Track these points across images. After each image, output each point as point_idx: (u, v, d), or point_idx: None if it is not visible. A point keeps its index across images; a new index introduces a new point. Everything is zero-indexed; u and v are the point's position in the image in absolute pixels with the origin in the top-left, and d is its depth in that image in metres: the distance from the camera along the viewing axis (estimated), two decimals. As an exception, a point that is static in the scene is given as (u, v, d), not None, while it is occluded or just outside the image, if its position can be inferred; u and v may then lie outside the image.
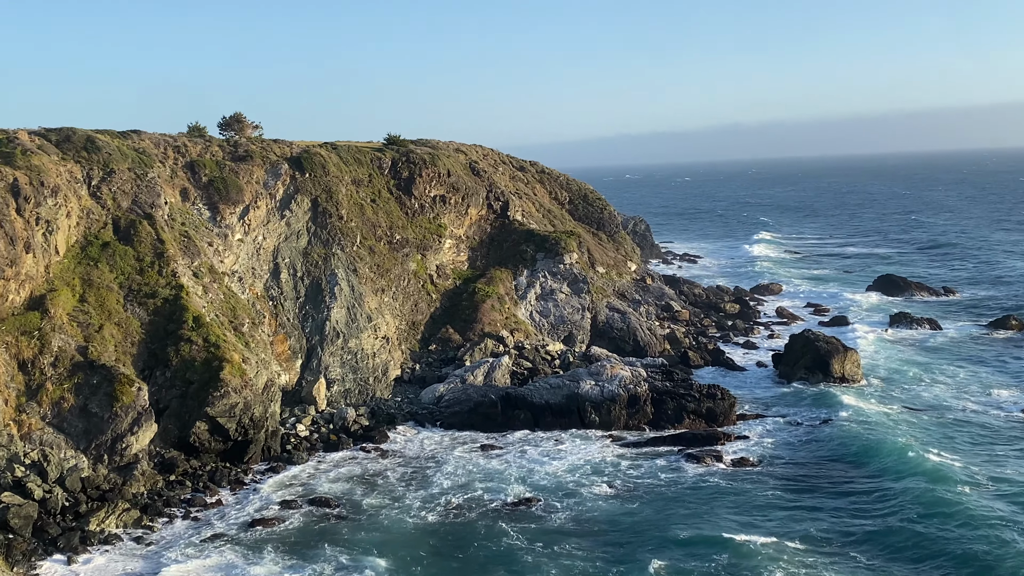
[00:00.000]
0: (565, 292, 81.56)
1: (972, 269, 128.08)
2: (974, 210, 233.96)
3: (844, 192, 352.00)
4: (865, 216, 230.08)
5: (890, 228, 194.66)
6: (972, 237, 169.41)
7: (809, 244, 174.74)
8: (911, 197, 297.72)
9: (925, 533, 42.25)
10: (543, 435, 59.58)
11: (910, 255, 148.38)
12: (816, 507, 46.51)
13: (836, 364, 69.24)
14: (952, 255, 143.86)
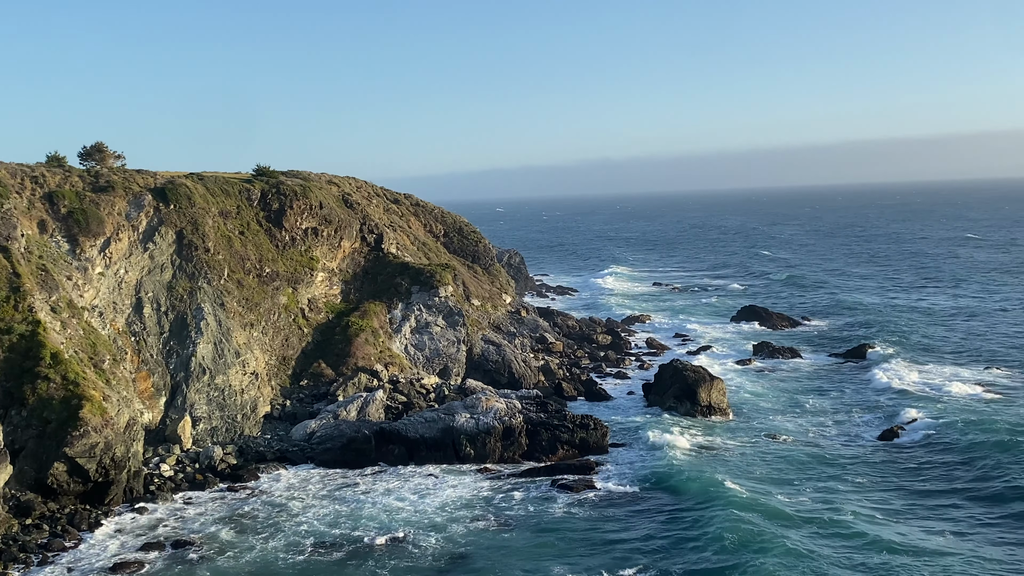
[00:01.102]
0: (440, 325, 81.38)
1: (827, 300, 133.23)
2: (826, 243, 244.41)
3: (702, 226, 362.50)
4: (721, 250, 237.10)
5: (744, 261, 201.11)
6: (825, 269, 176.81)
7: (671, 276, 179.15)
8: (762, 232, 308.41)
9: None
10: (417, 470, 59.05)
11: (768, 287, 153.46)
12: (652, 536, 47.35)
13: (703, 393, 70.85)
14: (806, 286, 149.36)
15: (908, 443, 61.64)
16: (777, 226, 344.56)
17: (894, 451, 60.15)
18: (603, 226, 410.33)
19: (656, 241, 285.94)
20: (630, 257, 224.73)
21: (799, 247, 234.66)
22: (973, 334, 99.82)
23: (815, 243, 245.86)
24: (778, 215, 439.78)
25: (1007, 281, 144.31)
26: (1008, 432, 60.19)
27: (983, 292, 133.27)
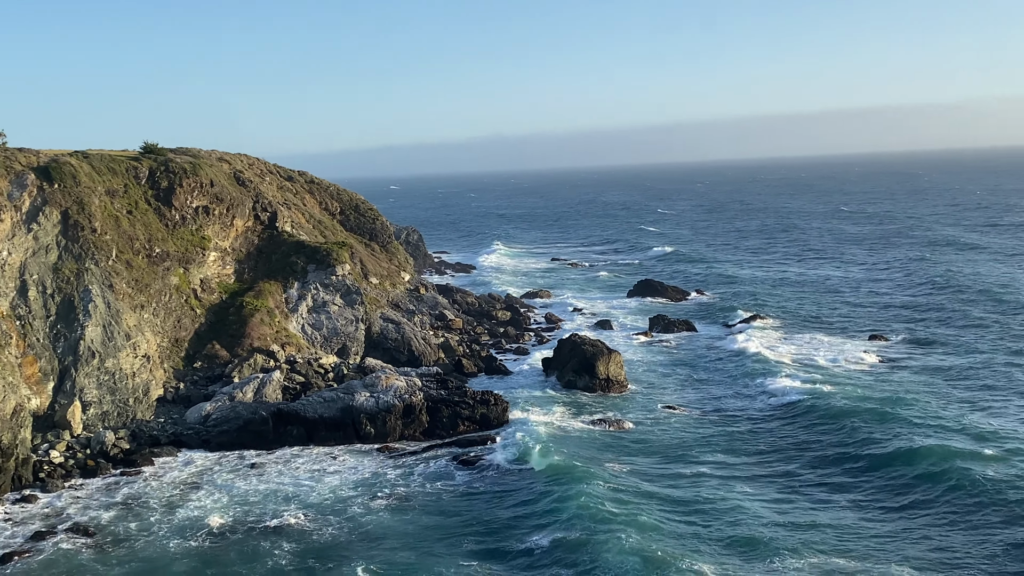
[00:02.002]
0: (338, 304, 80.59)
1: (715, 273, 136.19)
2: (712, 218, 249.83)
3: (592, 202, 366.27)
4: (612, 225, 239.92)
5: (635, 237, 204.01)
6: (712, 244, 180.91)
7: (566, 252, 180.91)
8: (650, 207, 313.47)
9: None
10: (317, 450, 58.58)
11: (659, 261, 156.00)
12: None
13: (601, 366, 71.85)
14: (695, 260, 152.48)
15: (788, 414, 62.82)
16: (666, 201, 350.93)
17: (776, 422, 61.49)
18: (496, 202, 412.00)
19: (548, 217, 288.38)
20: (524, 234, 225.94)
21: (687, 222, 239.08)
22: (853, 304, 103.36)
23: (702, 219, 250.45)
24: (666, 191, 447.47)
25: (880, 252, 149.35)
26: (881, 402, 62.09)
27: (860, 263, 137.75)
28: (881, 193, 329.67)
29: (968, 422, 57.08)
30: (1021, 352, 75.74)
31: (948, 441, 53.04)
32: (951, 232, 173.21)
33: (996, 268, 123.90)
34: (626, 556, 39.61)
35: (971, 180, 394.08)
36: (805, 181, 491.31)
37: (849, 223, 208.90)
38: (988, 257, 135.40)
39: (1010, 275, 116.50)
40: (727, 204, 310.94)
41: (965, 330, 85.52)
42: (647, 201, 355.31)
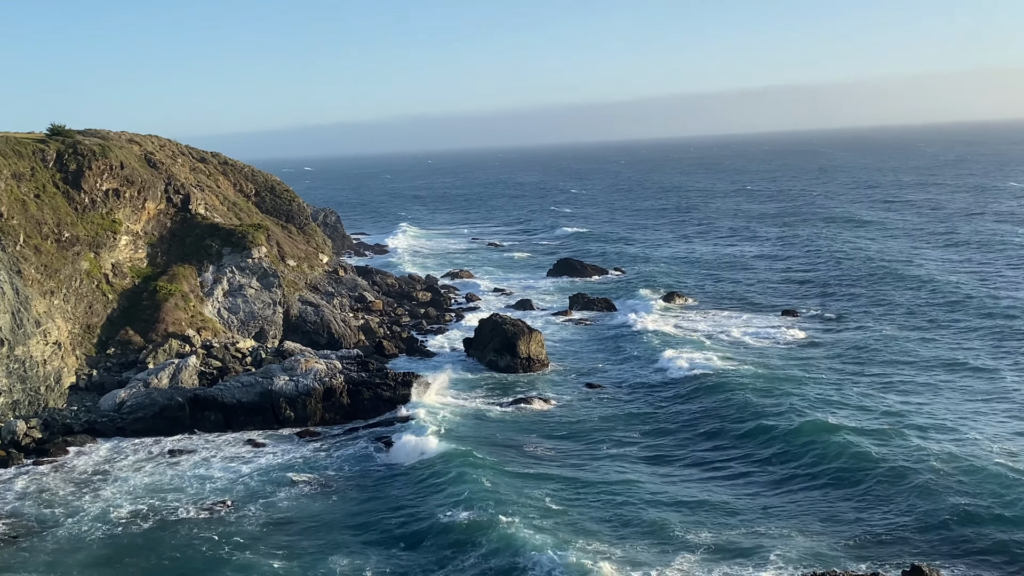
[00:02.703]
0: (255, 287, 79.45)
1: (632, 252, 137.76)
2: (626, 197, 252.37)
3: (508, 183, 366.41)
4: (526, 206, 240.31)
5: (551, 217, 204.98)
6: (627, 223, 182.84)
7: (485, 232, 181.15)
8: (564, 188, 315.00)
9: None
10: (236, 436, 57.85)
11: (575, 241, 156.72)
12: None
13: (522, 345, 72.20)
14: (610, 240, 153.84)
15: (700, 391, 62.94)
16: (580, 180, 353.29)
17: (688, 399, 61.84)
18: (413, 183, 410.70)
19: (464, 198, 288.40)
20: (440, 216, 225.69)
21: (602, 202, 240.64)
22: (765, 281, 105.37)
23: (616, 198, 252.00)
24: (581, 170, 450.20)
25: (787, 229, 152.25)
26: (785, 380, 63.06)
27: (768, 240, 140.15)
28: (786, 171, 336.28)
29: (867, 397, 58.64)
30: (923, 327, 77.89)
31: (843, 417, 54.19)
32: (852, 209, 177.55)
33: (895, 244, 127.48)
34: (525, 539, 39.56)
35: (868, 158, 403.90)
36: (714, 160, 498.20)
37: (755, 201, 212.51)
38: (887, 234, 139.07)
39: (910, 251, 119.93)
40: (640, 183, 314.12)
41: (872, 306, 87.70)
42: (562, 181, 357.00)
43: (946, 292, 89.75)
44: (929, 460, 45.63)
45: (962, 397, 57.93)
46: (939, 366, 65.49)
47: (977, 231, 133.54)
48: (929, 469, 44.61)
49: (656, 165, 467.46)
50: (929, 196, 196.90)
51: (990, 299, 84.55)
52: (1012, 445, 48.05)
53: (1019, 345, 69.19)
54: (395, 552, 40.77)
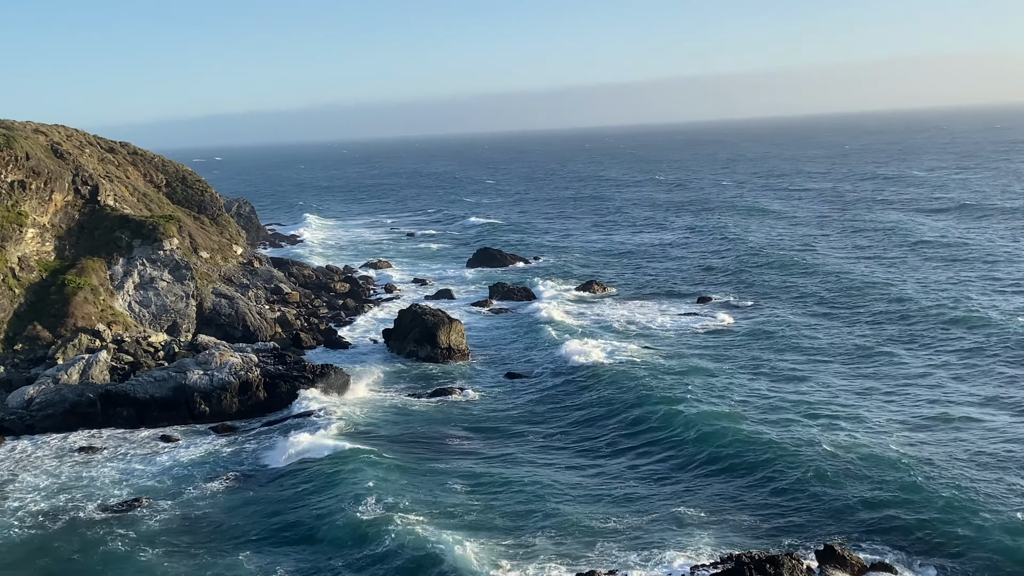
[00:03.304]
0: (167, 280, 77.75)
1: (550, 241, 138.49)
2: (538, 187, 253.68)
3: (421, 173, 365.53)
4: (442, 196, 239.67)
5: (466, 206, 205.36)
6: (542, 213, 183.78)
7: (402, 222, 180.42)
8: (474, 178, 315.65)
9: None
10: (149, 432, 56.61)
11: (492, 231, 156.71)
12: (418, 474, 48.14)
13: (443, 335, 72.01)
14: (527, 231, 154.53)
15: (615, 380, 62.71)
16: (495, 170, 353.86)
17: (601, 388, 61.60)
18: (326, 172, 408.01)
19: (378, 188, 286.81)
20: (355, 206, 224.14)
21: (518, 192, 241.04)
22: (680, 269, 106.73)
23: (531, 188, 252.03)
24: (497, 160, 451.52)
25: (698, 218, 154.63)
26: (693, 370, 63.45)
27: (680, 229, 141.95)
28: (696, 161, 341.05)
29: (774, 384, 59.65)
30: (829, 314, 79.00)
31: (749, 404, 55.10)
32: (760, 199, 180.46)
33: (802, 232, 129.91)
34: (427, 535, 39.05)
35: (775, 148, 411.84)
36: (627, 149, 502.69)
37: (667, 191, 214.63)
38: (794, 222, 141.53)
39: (816, 239, 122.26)
40: (556, 173, 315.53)
41: (780, 293, 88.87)
42: (478, 171, 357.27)
43: (850, 279, 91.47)
44: (831, 446, 46.52)
45: (863, 383, 59.07)
46: (842, 352, 66.72)
47: (879, 219, 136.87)
48: (830, 455, 45.43)
49: (572, 155, 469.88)
50: (831, 185, 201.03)
51: (892, 286, 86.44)
52: (910, 430, 49.34)
53: (919, 331, 70.63)
54: (304, 549, 40.11)
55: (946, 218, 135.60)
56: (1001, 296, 79.97)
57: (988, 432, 47.96)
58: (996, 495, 40.14)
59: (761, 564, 34.05)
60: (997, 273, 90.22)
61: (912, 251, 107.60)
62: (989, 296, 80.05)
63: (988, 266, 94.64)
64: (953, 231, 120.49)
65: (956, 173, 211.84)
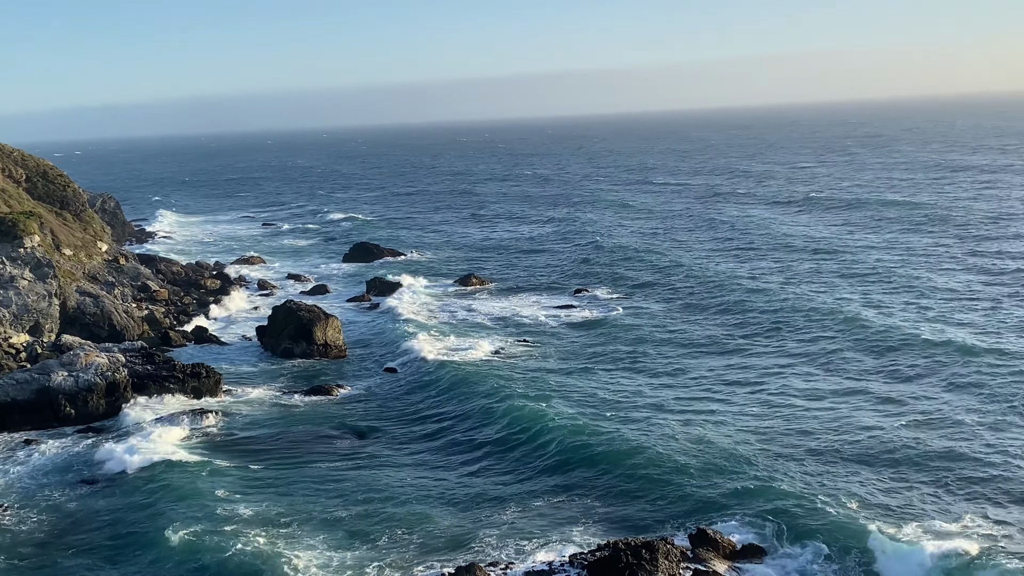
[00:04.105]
0: (27, 278, 74.44)
1: (426, 236, 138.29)
2: (398, 180, 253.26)
3: (281, 167, 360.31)
4: (308, 190, 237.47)
5: (332, 200, 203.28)
6: (411, 207, 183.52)
7: (269, 217, 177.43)
8: (338, 171, 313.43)
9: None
10: (9, 437, 54.18)
11: (366, 225, 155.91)
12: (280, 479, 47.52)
13: (319, 332, 71.04)
14: (402, 224, 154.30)
15: (484, 377, 62.07)
16: (366, 164, 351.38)
17: (469, 384, 60.60)
18: (194, 165, 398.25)
19: (254, 181, 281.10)
20: (231, 200, 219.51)
21: (388, 185, 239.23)
22: (557, 262, 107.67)
23: (400, 182, 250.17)
24: (368, 154, 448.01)
25: (564, 211, 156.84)
26: (553, 370, 64.09)
27: (552, 222, 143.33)
28: (563, 155, 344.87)
29: (632, 379, 59.87)
30: (694, 308, 79.78)
31: (609, 401, 55.08)
32: (624, 193, 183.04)
33: (668, 225, 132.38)
34: (240, 553, 37.72)
35: (638, 143, 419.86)
36: (501, 143, 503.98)
37: (537, 185, 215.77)
38: (662, 216, 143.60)
39: (683, 232, 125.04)
40: (429, 167, 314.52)
41: (646, 288, 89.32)
42: (349, 165, 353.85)
43: (714, 272, 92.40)
44: (692, 440, 47.35)
45: (726, 375, 59.81)
46: (705, 346, 67.40)
47: (739, 212, 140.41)
48: (692, 448, 46.17)
49: (446, 148, 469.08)
50: (696, 180, 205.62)
51: (753, 280, 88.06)
52: (768, 420, 50.45)
53: (778, 324, 71.38)
54: (140, 559, 38.52)
55: (798, 210, 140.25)
56: (853, 287, 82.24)
57: (842, 421, 49.50)
58: (848, 482, 41.78)
59: (637, 550, 34.71)
60: (853, 265, 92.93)
61: (771, 244, 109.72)
62: (844, 288, 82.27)
63: (838, 257, 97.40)
64: (808, 224, 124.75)
65: (818, 166, 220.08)
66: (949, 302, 73.82)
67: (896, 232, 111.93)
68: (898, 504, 39.17)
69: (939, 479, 41.33)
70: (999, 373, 54.81)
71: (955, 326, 66.10)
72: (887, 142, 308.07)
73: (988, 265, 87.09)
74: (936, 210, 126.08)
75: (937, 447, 44.69)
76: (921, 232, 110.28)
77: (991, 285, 78.81)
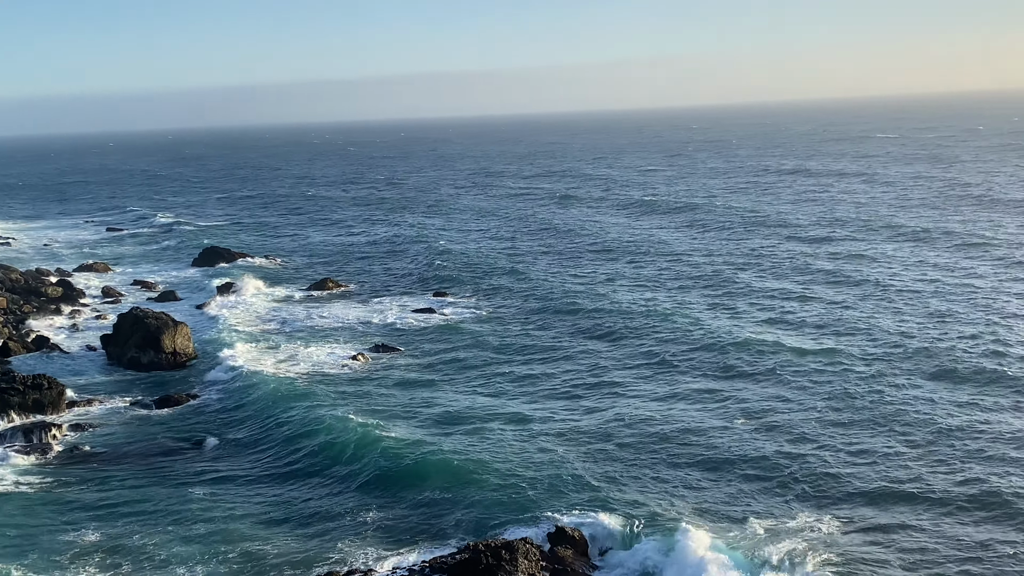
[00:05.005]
0: None
1: (278, 240, 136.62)
2: (247, 184, 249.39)
3: (125, 170, 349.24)
4: (148, 193, 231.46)
5: (168, 204, 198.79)
6: (263, 210, 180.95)
7: (107, 221, 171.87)
8: (181, 174, 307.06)
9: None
10: None
11: (215, 229, 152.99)
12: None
13: (167, 340, 69.53)
14: (252, 227, 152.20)
15: (338, 385, 62.73)
16: (211, 167, 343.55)
17: (318, 395, 60.77)
18: (35, 168, 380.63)
19: (87, 185, 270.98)
20: (68, 205, 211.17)
21: (233, 190, 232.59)
22: (413, 265, 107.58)
23: (242, 186, 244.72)
24: (202, 156, 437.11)
25: (415, 215, 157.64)
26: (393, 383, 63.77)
27: (408, 226, 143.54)
28: (417, 158, 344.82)
29: (473, 387, 60.18)
30: (544, 311, 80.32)
31: (435, 413, 54.75)
32: (475, 197, 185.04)
33: (515, 229, 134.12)
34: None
35: (502, 145, 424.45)
36: (348, 146, 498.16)
37: (390, 189, 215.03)
38: (518, 222, 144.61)
39: (525, 239, 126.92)
40: (273, 170, 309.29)
41: (502, 295, 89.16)
42: (189, 168, 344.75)
43: (554, 280, 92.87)
44: (528, 445, 48.17)
45: (558, 381, 60.29)
46: (542, 350, 67.83)
47: (577, 216, 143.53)
48: (526, 456, 46.68)
49: (291, 151, 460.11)
50: (539, 185, 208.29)
51: (589, 284, 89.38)
52: (595, 424, 51.52)
53: (611, 331, 71.95)
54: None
55: (638, 214, 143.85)
56: (681, 292, 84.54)
57: (679, 423, 51.16)
58: (684, 482, 43.59)
59: (497, 550, 35.57)
60: (690, 268, 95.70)
61: (614, 247, 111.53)
62: (670, 292, 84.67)
63: (678, 260, 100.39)
64: (647, 228, 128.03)
65: (663, 170, 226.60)
66: (781, 303, 77.18)
67: (730, 235, 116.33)
68: (725, 503, 41.03)
69: (769, 478, 43.35)
70: (826, 372, 58.00)
71: (785, 327, 69.37)
72: (725, 147, 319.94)
73: (817, 268, 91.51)
74: (767, 215, 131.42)
75: (768, 448, 46.72)
76: (756, 236, 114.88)
77: (817, 286, 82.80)
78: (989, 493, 40.11)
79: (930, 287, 79.47)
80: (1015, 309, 70.31)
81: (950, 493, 40.46)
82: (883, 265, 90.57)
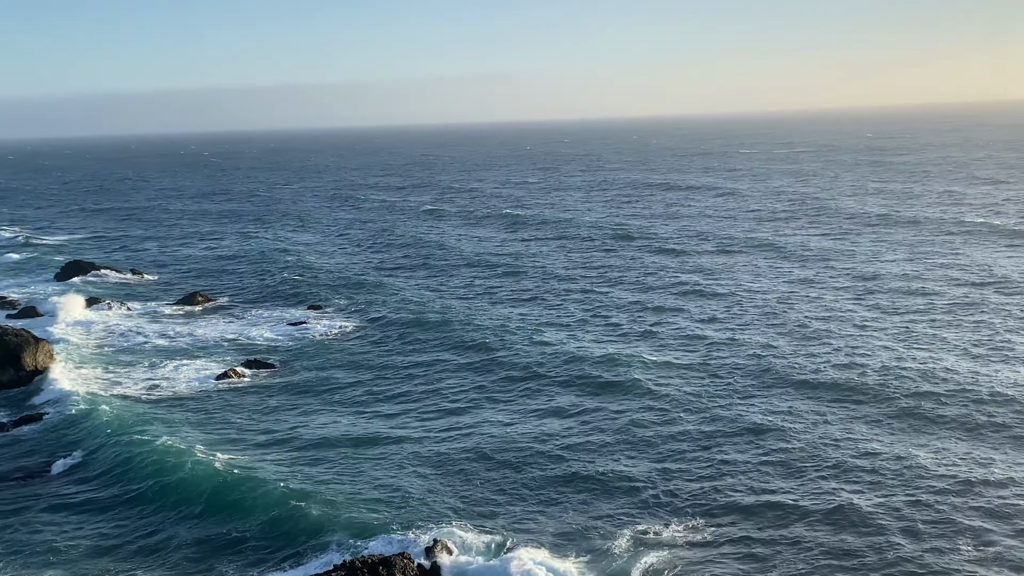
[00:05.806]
0: None
1: (156, 252, 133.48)
2: (104, 197, 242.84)
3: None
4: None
5: (25, 214, 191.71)
6: (126, 221, 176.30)
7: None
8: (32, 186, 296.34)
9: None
10: None
11: (83, 240, 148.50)
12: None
13: (28, 357, 67.38)
14: (119, 241, 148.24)
15: (202, 397, 62.15)
16: (64, 179, 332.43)
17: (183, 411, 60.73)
18: None
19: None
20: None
21: (89, 202, 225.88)
22: (293, 277, 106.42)
23: (99, 199, 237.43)
24: (55, 167, 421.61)
25: (283, 227, 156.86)
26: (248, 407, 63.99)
27: (278, 237, 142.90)
28: (276, 169, 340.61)
29: (343, 408, 59.47)
30: (419, 324, 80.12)
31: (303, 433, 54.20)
32: (331, 209, 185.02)
33: (378, 242, 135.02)
34: None
35: (358, 157, 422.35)
36: (212, 158, 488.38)
37: (247, 200, 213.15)
38: (372, 233, 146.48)
39: (393, 252, 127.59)
40: (133, 181, 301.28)
41: (386, 307, 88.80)
42: (38, 179, 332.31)
43: (412, 294, 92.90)
44: (377, 471, 47.75)
45: (420, 403, 59.88)
46: (413, 368, 67.62)
47: (443, 231, 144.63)
48: (371, 480, 46.37)
49: (155, 162, 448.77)
50: (405, 199, 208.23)
51: (447, 298, 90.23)
52: (447, 443, 51.82)
53: (470, 348, 72.09)
54: None
55: (501, 228, 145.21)
56: (553, 308, 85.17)
57: (537, 440, 51.67)
58: (541, 497, 44.39)
59: (374, 566, 35.75)
60: (549, 282, 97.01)
61: (476, 261, 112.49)
62: (533, 305, 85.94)
63: (537, 275, 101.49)
64: (504, 241, 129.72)
65: (530, 183, 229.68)
66: (646, 317, 79.02)
67: (597, 248, 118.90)
68: (595, 517, 41.62)
69: (636, 490, 44.25)
70: (691, 385, 59.87)
71: (651, 341, 71.01)
72: (595, 161, 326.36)
73: (682, 281, 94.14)
74: (627, 229, 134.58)
75: (635, 463, 47.77)
76: (613, 250, 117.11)
77: (681, 300, 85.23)
78: (845, 505, 41.51)
79: (788, 300, 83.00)
80: (869, 322, 73.90)
81: (807, 505, 41.89)
82: (744, 278, 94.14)
